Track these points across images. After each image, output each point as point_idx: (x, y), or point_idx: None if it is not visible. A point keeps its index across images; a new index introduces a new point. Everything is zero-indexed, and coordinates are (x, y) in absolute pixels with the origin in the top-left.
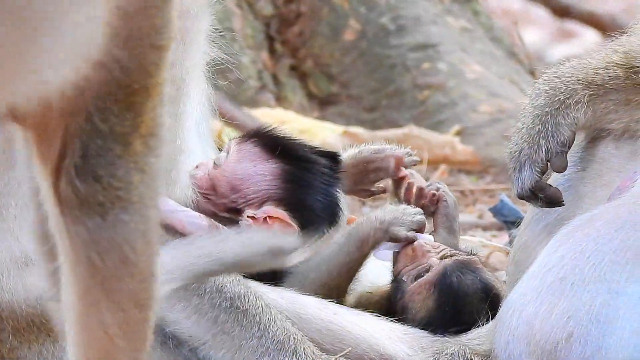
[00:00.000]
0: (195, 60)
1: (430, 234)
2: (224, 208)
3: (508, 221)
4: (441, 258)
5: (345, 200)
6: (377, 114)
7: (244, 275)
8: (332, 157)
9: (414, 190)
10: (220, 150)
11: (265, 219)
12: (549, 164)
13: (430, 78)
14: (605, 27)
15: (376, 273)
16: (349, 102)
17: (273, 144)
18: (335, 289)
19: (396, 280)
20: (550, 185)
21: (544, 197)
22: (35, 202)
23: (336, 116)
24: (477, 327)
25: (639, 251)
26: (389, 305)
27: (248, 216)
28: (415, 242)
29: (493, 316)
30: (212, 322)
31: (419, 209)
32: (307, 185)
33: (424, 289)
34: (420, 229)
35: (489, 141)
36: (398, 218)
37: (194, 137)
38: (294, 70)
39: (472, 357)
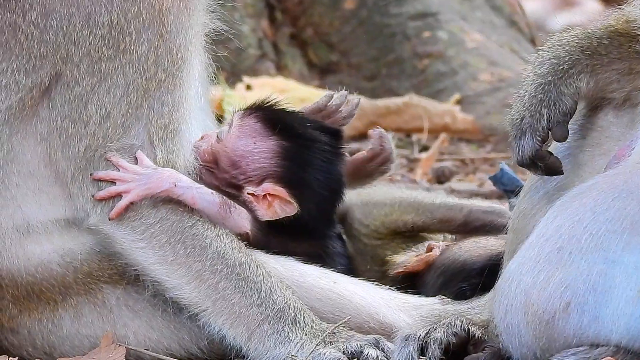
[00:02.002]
0: (197, 29)
1: None
2: (225, 183)
3: (508, 190)
4: None
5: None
6: (377, 82)
7: (246, 245)
8: (334, 133)
9: None
10: (219, 120)
11: (264, 196)
12: (550, 133)
13: (430, 47)
14: None
15: None
16: (349, 70)
17: (274, 120)
18: None
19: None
20: (551, 154)
21: (544, 166)
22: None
23: (336, 85)
24: (478, 297)
25: (635, 220)
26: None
27: (248, 193)
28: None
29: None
30: (213, 289)
31: None
32: (307, 163)
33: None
34: None
35: (489, 110)
36: None
37: (195, 107)
38: (294, 38)
39: (469, 327)
